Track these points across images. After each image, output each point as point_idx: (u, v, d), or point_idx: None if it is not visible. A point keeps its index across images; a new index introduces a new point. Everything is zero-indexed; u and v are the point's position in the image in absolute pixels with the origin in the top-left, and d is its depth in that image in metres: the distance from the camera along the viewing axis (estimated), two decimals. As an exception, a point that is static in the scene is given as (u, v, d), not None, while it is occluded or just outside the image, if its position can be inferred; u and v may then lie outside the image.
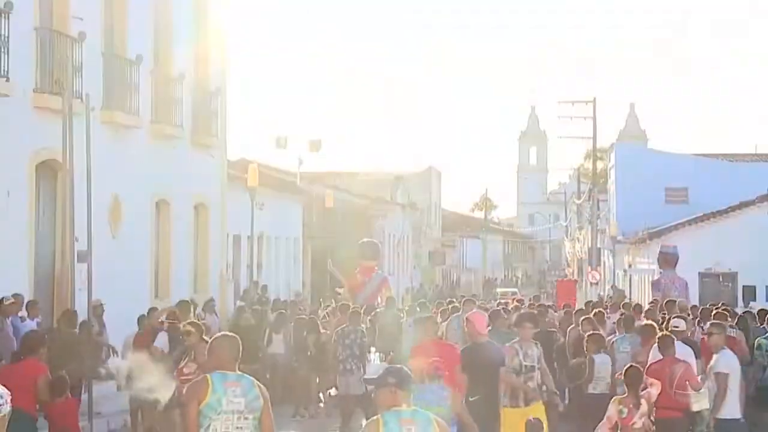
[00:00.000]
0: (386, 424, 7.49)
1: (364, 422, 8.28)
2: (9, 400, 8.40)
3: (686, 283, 31.17)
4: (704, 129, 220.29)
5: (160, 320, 18.60)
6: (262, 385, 8.63)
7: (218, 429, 8.28)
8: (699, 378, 14.40)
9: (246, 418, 8.37)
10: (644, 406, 12.78)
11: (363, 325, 19.91)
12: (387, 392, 7.71)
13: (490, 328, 18.67)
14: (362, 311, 21.29)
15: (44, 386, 11.86)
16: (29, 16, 20.98)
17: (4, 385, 8.67)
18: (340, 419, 18.40)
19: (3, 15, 19.62)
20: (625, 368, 13.51)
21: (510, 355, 13.74)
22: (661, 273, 33.02)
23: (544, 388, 14.39)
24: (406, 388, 7.72)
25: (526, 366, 13.68)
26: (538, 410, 13.89)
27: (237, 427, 8.32)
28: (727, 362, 14.03)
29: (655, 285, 33.43)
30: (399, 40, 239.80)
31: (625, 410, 12.72)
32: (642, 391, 12.95)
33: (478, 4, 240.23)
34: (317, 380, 21.10)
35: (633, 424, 12.65)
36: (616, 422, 12.75)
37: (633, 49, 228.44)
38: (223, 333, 10.77)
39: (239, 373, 8.54)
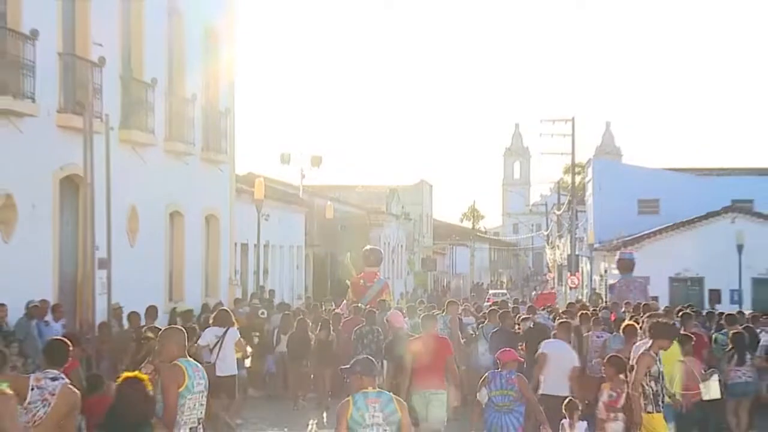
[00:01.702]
0: (356, 402, 8.76)
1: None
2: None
3: (645, 286, 30.98)
4: (674, 145, 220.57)
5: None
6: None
7: None
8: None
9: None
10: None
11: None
12: (356, 378, 8.95)
13: (499, 326, 19.07)
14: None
15: (75, 379, 11.85)
16: (53, 43, 20.91)
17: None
18: None
19: (29, 41, 19.61)
20: (608, 357, 13.85)
21: (647, 363, 12.59)
22: (619, 278, 32.96)
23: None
24: (370, 375, 8.97)
25: (661, 372, 12.83)
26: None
27: None
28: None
29: (611, 289, 33.49)
30: (394, 64, 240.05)
31: (614, 394, 13.11)
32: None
33: (465, 31, 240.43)
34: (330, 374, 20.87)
35: (618, 405, 12.99)
36: (608, 404, 13.12)
37: (609, 71, 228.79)
38: (170, 326, 10.93)
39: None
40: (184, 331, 10.14)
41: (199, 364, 9.56)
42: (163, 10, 26.56)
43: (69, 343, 9.72)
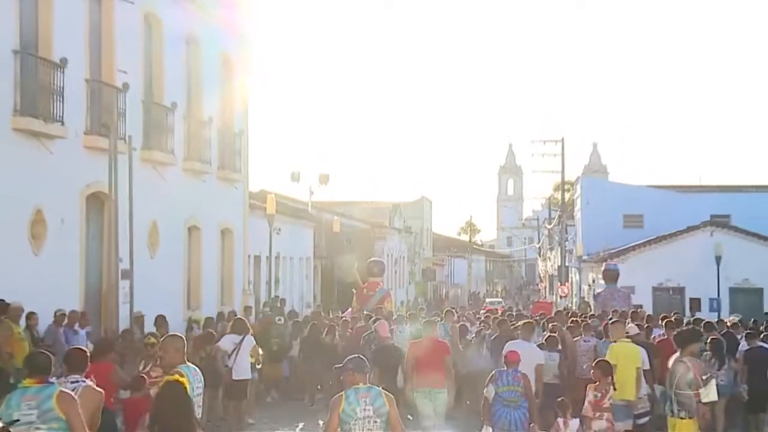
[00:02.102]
0: (347, 397, 8.90)
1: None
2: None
3: (628, 295, 31.07)
4: (657, 163, 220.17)
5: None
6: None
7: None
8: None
9: (375, 422, 8.93)
10: (612, 390, 13.31)
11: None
12: (348, 375, 9.11)
13: (497, 333, 19.16)
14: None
15: (115, 380, 12.00)
16: (81, 70, 21.08)
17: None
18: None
19: (59, 69, 19.80)
20: (597, 361, 14.00)
21: (682, 370, 12.27)
22: (604, 287, 33.02)
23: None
24: (361, 372, 9.12)
25: (704, 379, 12.63)
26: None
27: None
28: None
29: (596, 298, 33.52)
30: (397, 88, 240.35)
31: (599, 394, 13.23)
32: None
33: (462, 58, 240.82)
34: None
35: (603, 404, 13.14)
36: (593, 404, 13.21)
37: (596, 94, 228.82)
38: (170, 334, 11.11)
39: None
40: (183, 338, 10.14)
41: (197, 369, 9.60)
42: (182, 40, 26.69)
43: (86, 351, 9.82)
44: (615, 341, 15.38)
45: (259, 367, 18.90)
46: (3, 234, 18.23)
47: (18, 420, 8.01)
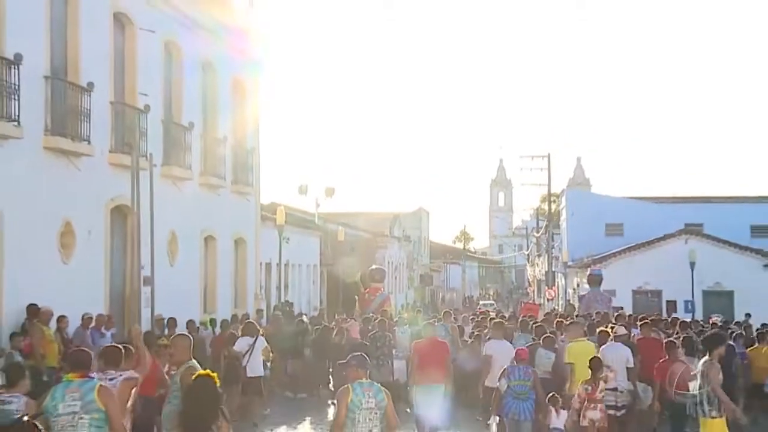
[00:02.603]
0: (354, 389, 9.10)
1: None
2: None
3: (609, 298, 31.04)
4: (636, 176, 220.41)
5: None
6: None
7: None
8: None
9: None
10: (602, 384, 13.57)
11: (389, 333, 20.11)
12: (352, 370, 9.36)
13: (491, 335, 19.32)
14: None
15: (161, 374, 11.88)
16: (106, 93, 21.17)
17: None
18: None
19: (86, 92, 19.91)
20: (591, 358, 14.00)
21: (716, 371, 11.96)
22: (588, 290, 33.04)
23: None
24: (363, 368, 9.41)
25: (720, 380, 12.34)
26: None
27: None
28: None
29: (581, 300, 33.49)
30: (398, 107, 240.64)
31: (590, 388, 13.45)
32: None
33: (458, 79, 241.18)
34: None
35: (595, 396, 13.42)
36: (584, 396, 13.43)
37: (579, 112, 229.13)
38: (179, 333, 11.18)
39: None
40: (190, 337, 10.36)
41: (198, 366, 9.60)
42: (199, 65, 26.80)
43: (120, 348, 9.92)
44: (571, 341, 15.41)
45: (269, 365, 19.04)
46: (35, 244, 18.32)
47: None
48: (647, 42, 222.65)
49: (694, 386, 12.11)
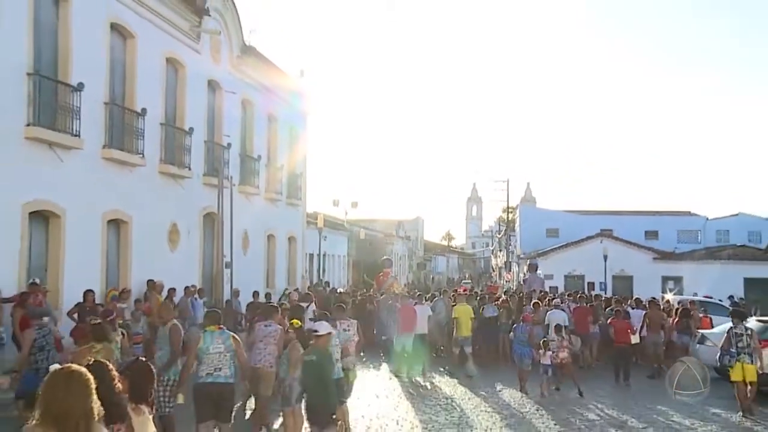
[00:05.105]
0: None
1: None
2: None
3: (543, 280, 30.64)
4: (567, 195, 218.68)
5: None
6: (236, 336, 8.51)
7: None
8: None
9: (225, 356, 8.28)
10: (565, 341, 14.39)
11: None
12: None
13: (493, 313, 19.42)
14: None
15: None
16: (201, 134, 20.98)
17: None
18: (383, 355, 18.84)
19: (188, 134, 19.85)
20: (555, 324, 15.21)
21: (747, 337, 12.12)
22: (527, 274, 32.83)
23: None
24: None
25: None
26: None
27: (219, 361, 8.24)
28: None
29: (524, 281, 33.27)
30: (403, 140, 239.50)
31: (561, 338, 14.35)
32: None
33: (439, 116, 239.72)
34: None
35: (564, 344, 14.16)
36: (560, 344, 14.14)
37: (531, 148, 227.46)
38: (211, 309, 10.14)
39: (220, 329, 8.42)
40: (218, 311, 8.97)
41: (215, 332, 8.46)
42: (265, 118, 26.71)
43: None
44: (455, 304, 17.40)
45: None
46: (153, 240, 18.34)
47: None
48: (591, 80, 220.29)
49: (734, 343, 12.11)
